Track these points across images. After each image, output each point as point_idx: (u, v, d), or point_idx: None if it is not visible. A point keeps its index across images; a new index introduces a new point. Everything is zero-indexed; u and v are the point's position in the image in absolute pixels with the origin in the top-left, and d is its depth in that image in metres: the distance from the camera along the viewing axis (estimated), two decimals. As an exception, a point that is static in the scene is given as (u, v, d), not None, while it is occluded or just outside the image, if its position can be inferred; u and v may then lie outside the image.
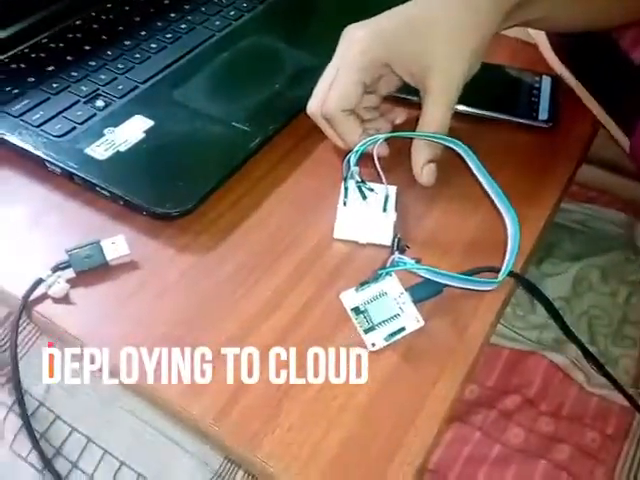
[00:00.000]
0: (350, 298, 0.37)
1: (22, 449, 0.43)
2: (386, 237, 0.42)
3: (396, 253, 0.36)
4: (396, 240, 0.37)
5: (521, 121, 0.52)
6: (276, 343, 0.36)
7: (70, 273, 0.37)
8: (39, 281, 0.36)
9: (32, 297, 0.37)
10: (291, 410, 0.33)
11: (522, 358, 0.55)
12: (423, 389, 0.34)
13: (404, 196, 0.44)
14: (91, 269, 0.38)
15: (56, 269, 0.37)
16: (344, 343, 0.36)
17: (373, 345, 0.36)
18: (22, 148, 0.42)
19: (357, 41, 0.44)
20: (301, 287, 0.39)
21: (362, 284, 0.37)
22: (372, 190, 0.43)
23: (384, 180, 0.41)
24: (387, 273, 0.37)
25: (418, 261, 0.36)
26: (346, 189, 0.42)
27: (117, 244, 0.38)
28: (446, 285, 0.38)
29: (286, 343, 0.36)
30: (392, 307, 0.37)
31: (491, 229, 0.43)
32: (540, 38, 0.57)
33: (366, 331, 0.36)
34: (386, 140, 0.45)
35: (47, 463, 0.38)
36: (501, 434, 0.50)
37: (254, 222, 0.43)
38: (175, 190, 0.41)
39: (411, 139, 0.46)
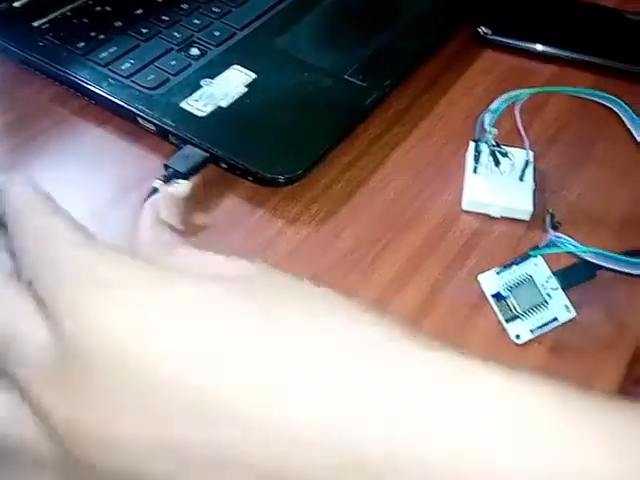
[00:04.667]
0: (490, 281, 0.34)
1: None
2: (524, 211, 0.39)
3: (551, 231, 0.33)
4: (549, 216, 0.34)
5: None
6: (404, 331, 0.34)
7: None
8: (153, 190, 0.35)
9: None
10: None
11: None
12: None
13: (541, 162, 0.41)
14: (196, 166, 0.37)
15: (165, 179, 0.36)
16: (483, 334, 0.34)
17: (518, 337, 0.34)
18: (111, 101, 0.41)
19: None
20: (428, 266, 0.37)
21: (505, 266, 0.34)
22: (506, 155, 0.40)
23: (526, 142, 0.38)
24: (534, 255, 0.34)
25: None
26: (478, 154, 0.40)
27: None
28: (601, 268, 0.35)
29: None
30: (538, 294, 0.34)
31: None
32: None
33: (508, 320, 0.34)
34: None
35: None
36: None
37: (370, 191, 0.41)
38: (284, 153, 0.39)
39: (548, 96, 0.43)
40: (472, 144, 0.41)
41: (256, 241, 0.38)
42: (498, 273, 0.35)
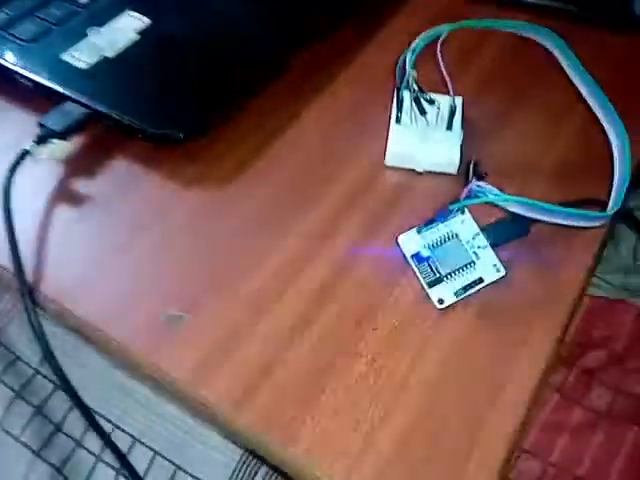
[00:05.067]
0: (410, 241, 0.31)
1: (14, 426, 0.38)
2: (452, 163, 0.35)
3: (474, 181, 0.29)
4: (472, 164, 0.31)
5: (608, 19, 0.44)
6: (316, 303, 0.30)
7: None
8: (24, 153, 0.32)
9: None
10: (335, 390, 0.27)
11: (606, 307, 0.49)
12: (507, 356, 0.29)
13: (471, 110, 0.38)
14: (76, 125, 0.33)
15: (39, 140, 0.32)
16: (403, 300, 0.30)
17: (441, 302, 0.30)
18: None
19: None
20: (345, 228, 0.33)
21: (426, 223, 0.31)
22: (433, 102, 0.36)
23: (450, 87, 0.34)
24: (461, 208, 0.31)
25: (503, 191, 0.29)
26: (400, 101, 0.36)
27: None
28: (535, 222, 0.32)
29: (328, 303, 0.30)
30: (465, 253, 0.31)
31: (585, 149, 0.37)
32: None
33: (431, 284, 0.30)
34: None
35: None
36: (583, 396, 0.45)
37: (283, 147, 0.37)
38: (180, 107, 0.35)
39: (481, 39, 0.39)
40: (395, 91, 0.37)
41: (151, 207, 0.34)
42: (419, 232, 0.31)
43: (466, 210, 0.32)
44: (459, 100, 0.36)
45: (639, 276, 0.51)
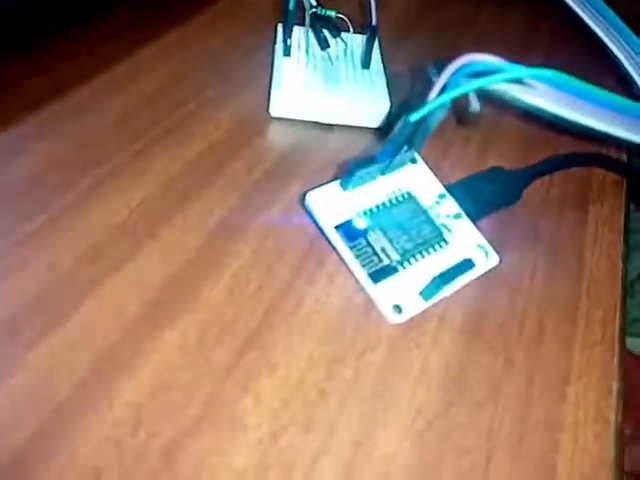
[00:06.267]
0: (329, 203, 0.16)
1: None
2: (378, 113, 0.22)
3: (441, 74, 0.15)
4: (431, 69, 0.17)
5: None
6: (151, 326, 0.14)
7: None
8: None
9: None
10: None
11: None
12: (543, 414, 0.14)
13: (391, 46, 0.25)
14: None
15: None
16: (324, 312, 0.15)
17: (398, 311, 0.15)
18: None
19: None
20: (207, 200, 0.18)
21: (355, 168, 0.16)
22: (338, 33, 0.23)
23: (373, 5, 0.22)
24: (411, 157, 0.17)
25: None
26: (288, 24, 0.22)
27: None
28: (529, 183, 0.19)
29: (171, 325, 0.15)
30: (428, 220, 0.17)
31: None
32: None
33: (375, 277, 0.16)
34: None
35: None
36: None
37: (95, 93, 0.21)
38: None
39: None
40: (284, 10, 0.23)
41: None
42: (345, 187, 0.17)
43: (418, 158, 0.18)
44: (375, 17, 0.23)
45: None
